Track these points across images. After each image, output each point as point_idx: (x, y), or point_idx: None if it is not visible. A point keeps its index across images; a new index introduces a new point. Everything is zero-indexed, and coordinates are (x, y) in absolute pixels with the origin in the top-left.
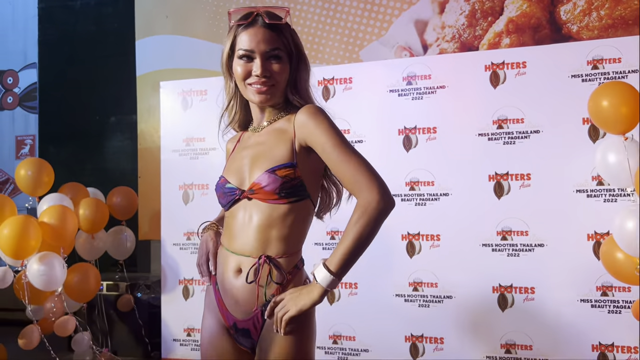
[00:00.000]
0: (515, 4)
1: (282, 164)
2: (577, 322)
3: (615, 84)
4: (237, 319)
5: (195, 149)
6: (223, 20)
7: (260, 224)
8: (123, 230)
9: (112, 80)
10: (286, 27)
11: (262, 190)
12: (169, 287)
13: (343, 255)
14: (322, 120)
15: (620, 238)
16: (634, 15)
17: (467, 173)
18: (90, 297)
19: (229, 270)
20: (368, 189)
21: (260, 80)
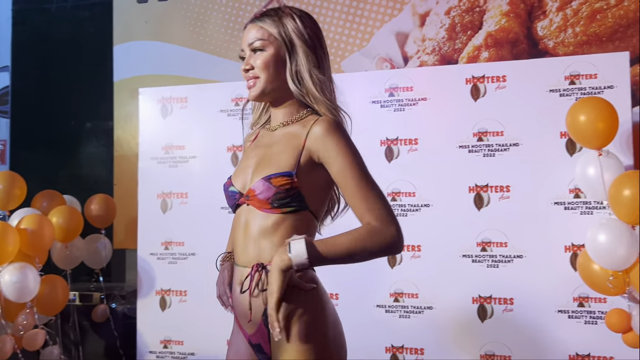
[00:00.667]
0: (494, 18)
1: (280, 172)
2: (554, 333)
3: (592, 99)
4: (248, 334)
5: (174, 157)
6: (204, 27)
7: (254, 233)
8: (99, 239)
9: (88, 86)
10: (276, 16)
11: (256, 198)
12: (145, 298)
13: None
14: (341, 140)
15: (593, 251)
16: (607, 32)
17: (448, 184)
18: (58, 310)
19: (236, 283)
20: (387, 223)
21: (247, 75)
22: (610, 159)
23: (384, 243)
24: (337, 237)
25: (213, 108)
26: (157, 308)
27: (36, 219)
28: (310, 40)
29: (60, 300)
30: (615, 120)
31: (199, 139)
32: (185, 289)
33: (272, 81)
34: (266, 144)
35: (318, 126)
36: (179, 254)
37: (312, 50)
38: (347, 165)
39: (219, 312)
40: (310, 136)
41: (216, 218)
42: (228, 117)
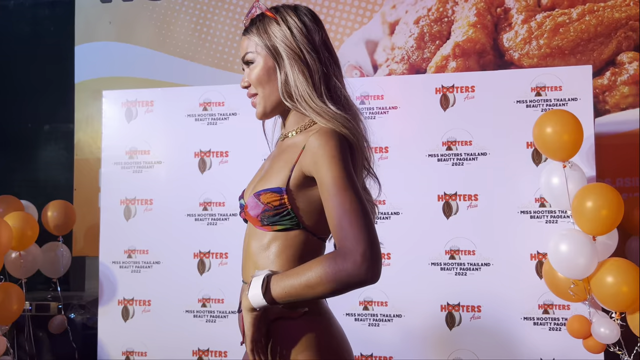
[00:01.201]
0: (461, 29)
1: (269, 188)
2: (520, 339)
3: (558, 112)
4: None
5: (139, 162)
6: (170, 29)
7: (252, 250)
8: (58, 247)
9: (47, 86)
10: (258, 22)
11: (249, 214)
12: (106, 308)
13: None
14: (330, 154)
15: (555, 260)
16: (569, 45)
17: (417, 193)
18: (12, 320)
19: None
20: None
21: (247, 92)
22: (574, 171)
23: (343, 271)
24: (297, 269)
25: (180, 112)
26: (119, 318)
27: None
28: (297, 45)
29: (14, 310)
30: (580, 133)
31: (165, 144)
32: (149, 298)
33: (270, 95)
34: (274, 156)
35: (312, 138)
36: (142, 262)
37: (299, 57)
38: (329, 181)
39: (184, 322)
40: (305, 149)
41: (182, 225)
42: (196, 122)
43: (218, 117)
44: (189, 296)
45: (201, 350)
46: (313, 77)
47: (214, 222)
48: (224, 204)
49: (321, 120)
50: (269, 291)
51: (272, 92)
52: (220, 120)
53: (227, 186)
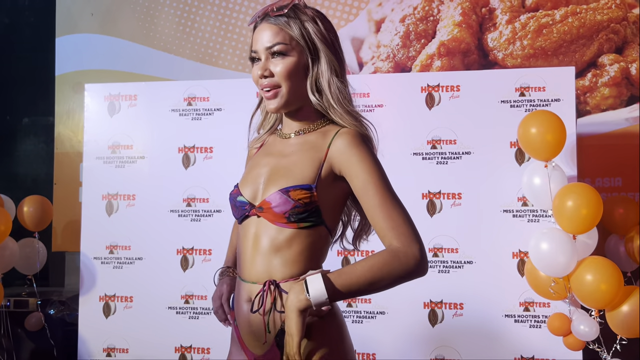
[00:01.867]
0: (447, 28)
1: (299, 184)
2: (501, 337)
3: (542, 113)
4: (256, 356)
5: (121, 157)
6: (154, 22)
7: (265, 248)
8: (33, 243)
9: (27, 78)
10: (295, 16)
11: (271, 211)
12: (87, 304)
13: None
14: (366, 154)
15: (536, 258)
16: (553, 46)
17: (402, 191)
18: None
19: (241, 300)
20: (409, 243)
21: (263, 82)
22: (555, 171)
23: (406, 266)
24: (355, 267)
25: (164, 107)
26: (100, 314)
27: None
28: (333, 45)
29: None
30: (563, 134)
31: (148, 139)
32: (131, 294)
33: (296, 91)
34: (280, 153)
35: (342, 138)
36: (124, 258)
37: (335, 57)
38: (370, 180)
39: (166, 319)
40: (332, 147)
41: (165, 221)
42: (180, 116)
43: (202, 112)
44: (172, 292)
45: (184, 347)
46: (342, 77)
47: (198, 219)
48: (207, 200)
49: (349, 121)
50: (333, 289)
51: (299, 87)
52: (205, 116)
53: (212, 182)
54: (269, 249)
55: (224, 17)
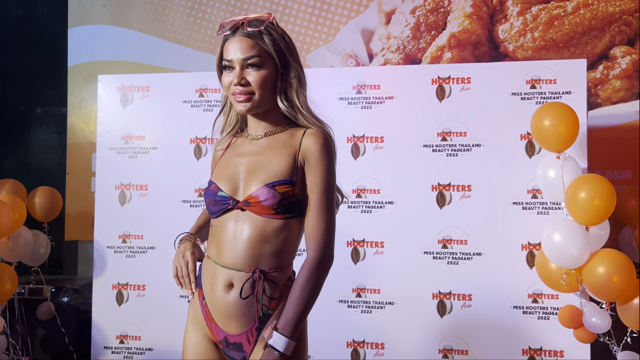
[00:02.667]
0: (457, 20)
1: (282, 180)
2: (509, 328)
3: (555, 104)
4: (228, 334)
5: (134, 148)
6: (165, 14)
7: (253, 238)
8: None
9: (40, 69)
10: (269, 33)
11: (259, 204)
12: (101, 292)
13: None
14: (327, 157)
15: (548, 249)
16: (564, 38)
17: (412, 182)
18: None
19: (219, 284)
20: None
21: (238, 89)
22: (569, 162)
23: (323, 272)
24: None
25: (176, 98)
26: (113, 302)
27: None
28: (298, 60)
29: (7, 289)
30: (575, 125)
31: (160, 130)
32: (143, 283)
33: (268, 99)
34: (250, 152)
35: (312, 136)
36: (137, 247)
37: (300, 70)
38: (320, 183)
39: (178, 307)
40: (303, 144)
41: (177, 211)
42: (191, 108)
43: (214, 103)
44: None
45: None
46: (304, 87)
47: None
48: None
49: (316, 124)
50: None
51: (270, 95)
52: (217, 107)
53: None
54: (257, 239)
55: (234, 9)
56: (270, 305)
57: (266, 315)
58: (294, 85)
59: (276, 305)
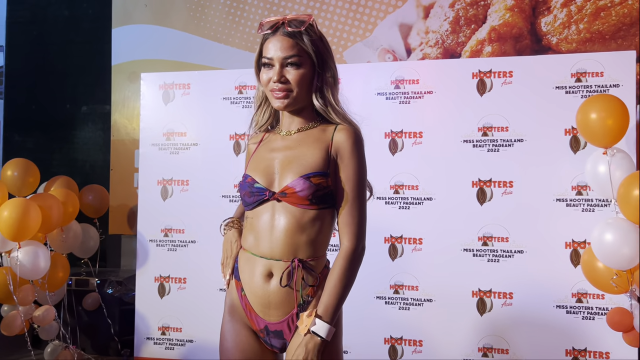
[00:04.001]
0: (498, 13)
1: (317, 171)
2: (552, 328)
3: (603, 97)
4: (268, 322)
5: (176, 144)
6: (205, 13)
7: (289, 228)
8: (89, 228)
9: (85, 68)
10: (308, 34)
11: (295, 195)
12: (143, 284)
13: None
14: (359, 152)
15: (598, 249)
16: (611, 30)
17: (451, 178)
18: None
19: (258, 274)
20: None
21: (277, 86)
22: (620, 158)
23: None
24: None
25: (216, 95)
26: (155, 294)
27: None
28: (333, 61)
29: (60, 277)
30: (625, 119)
31: (201, 126)
32: (184, 276)
33: (305, 96)
34: (283, 147)
35: (344, 132)
36: (178, 241)
37: (334, 68)
38: (355, 175)
39: (218, 299)
40: (336, 140)
41: (217, 206)
42: (231, 104)
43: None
44: None
45: None
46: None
47: None
48: None
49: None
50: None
51: (306, 93)
52: None
53: None
54: (294, 228)
55: (272, 6)
56: (309, 293)
57: (305, 302)
58: (329, 84)
59: (314, 293)
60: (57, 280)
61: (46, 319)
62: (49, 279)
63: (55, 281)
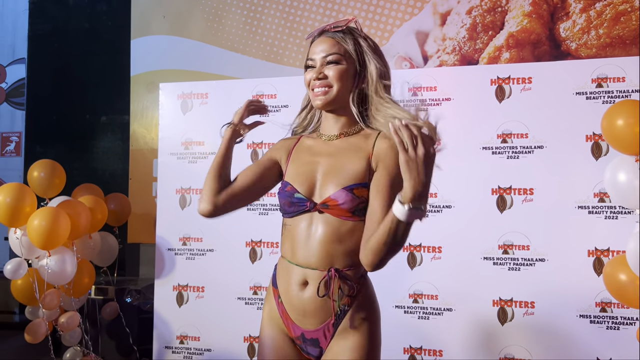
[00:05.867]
0: (516, 19)
1: (359, 183)
2: (576, 338)
3: (630, 102)
4: (305, 330)
5: (194, 153)
6: (222, 23)
7: (327, 238)
8: (108, 237)
9: (104, 79)
10: (351, 33)
11: (338, 207)
12: (162, 293)
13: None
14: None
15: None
16: (632, 35)
17: (471, 186)
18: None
19: (294, 283)
20: None
21: (316, 83)
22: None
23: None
24: None
25: (234, 105)
26: (174, 303)
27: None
28: (377, 58)
29: (85, 283)
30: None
31: (218, 135)
32: (202, 284)
33: (343, 93)
34: (325, 153)
35: (386, 141)
36: (197, 249)
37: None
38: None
39: (236, 309)
40: (376, 148)
41: (235, 215)
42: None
43: (270, 109)
44: (241, 283)
45: (252, 336)
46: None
47: (266, 212)
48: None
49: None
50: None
51: (346, 91)
52: (273, 113)
53: None
54: (332, 239)
55: (289, 16)
56: (345, 302)
57: (342, 311)
58: (372, 86)
59: (351, 303)
60: (82, 287)
61: (71, 324)
62: (74, 285)
63: (81, 287)
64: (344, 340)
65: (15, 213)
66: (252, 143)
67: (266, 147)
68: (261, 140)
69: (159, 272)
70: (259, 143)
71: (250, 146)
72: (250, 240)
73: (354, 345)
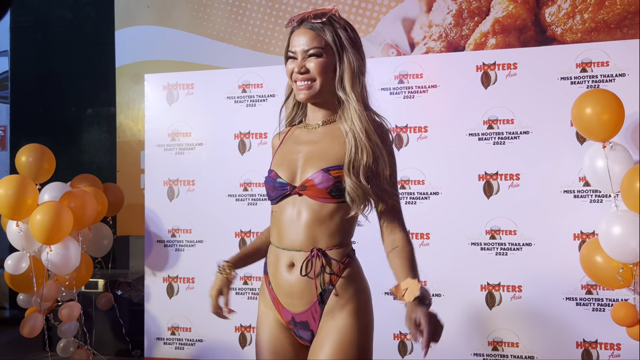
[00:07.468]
0: (501, 4)
1: (337, 165)
2: (562, 320)
3: (598, 91)
4: (294, 313)
5: (181, 144)
6: (207, 12)
7: (308, 220)
8: (102, 227)
9: (89, 71)
10: (332, 24)
11: (314, 187)
12: (152, 285)
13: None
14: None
15: (606, 242)
16: (616, 19)
17: (457, 172)
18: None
19: (282, 266)
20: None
21: (299, 77)
22: (618, 152)
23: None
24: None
25: (220, 95)
26: (164, 295)
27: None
28: (357, 50)
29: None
30: (621, 113)
31: (205, 126)
32: (192, 276)
33: (326, 85)
34: (308, 141)
35: None
36: (186, 241)
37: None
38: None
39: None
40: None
41: (223, 206)
42: (235, 103)
43: (257, 98)
44: None
45: (243, 326)
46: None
47: (254, 202)
48: (263, 184)
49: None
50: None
51: (329, 83)
52: (259, 102)
53: (267, 167)
54: (313, 221)
55: (275, 4)
56: (330, 281)
57: (326, 291)
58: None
59: (335, 281)
60: (80, 278)
61: (72, 315)
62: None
63: (79, 279)
64: (332, 320)
65: (17, 206)
66: (239, 133)
67: (253, 137)
68: (248, 130)
69: (148, 264)
70: (246, 133)
71: (237, 136)
72: (240, 231)
73: (341, 325)
